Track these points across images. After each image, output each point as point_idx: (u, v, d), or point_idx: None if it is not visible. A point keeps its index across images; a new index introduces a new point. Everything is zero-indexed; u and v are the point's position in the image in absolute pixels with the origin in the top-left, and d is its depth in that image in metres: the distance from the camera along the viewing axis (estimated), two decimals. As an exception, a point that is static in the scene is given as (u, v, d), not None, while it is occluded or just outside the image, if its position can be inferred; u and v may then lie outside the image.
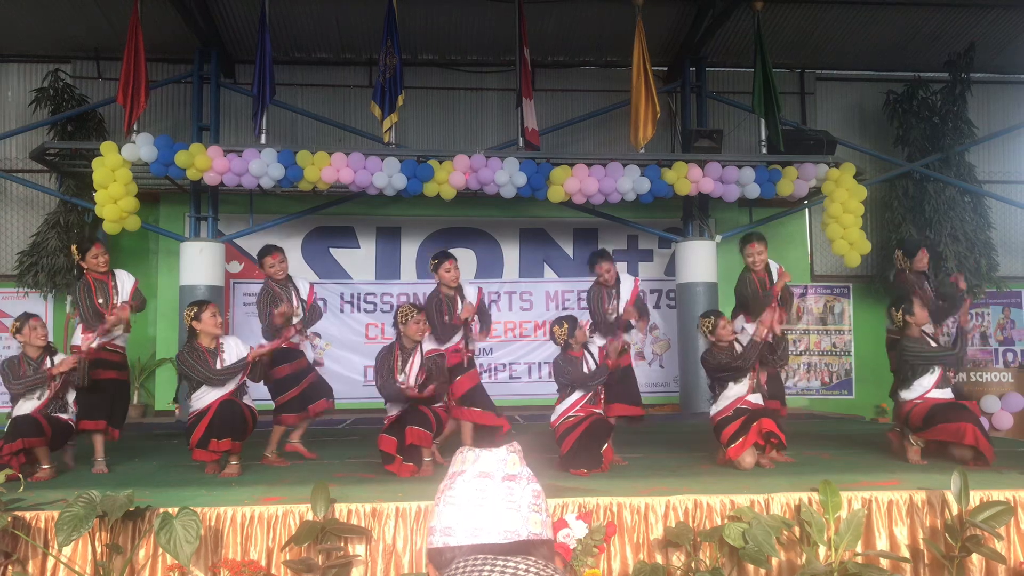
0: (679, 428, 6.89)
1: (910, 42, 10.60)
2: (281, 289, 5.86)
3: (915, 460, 5.36)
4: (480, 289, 6.16)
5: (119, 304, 5.58)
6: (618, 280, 6.05)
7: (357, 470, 5.23)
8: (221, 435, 4.98)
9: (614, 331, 5.77)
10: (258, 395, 5.56)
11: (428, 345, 5.58)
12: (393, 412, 5.35)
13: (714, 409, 5.45)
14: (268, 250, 5.98)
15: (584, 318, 5.71)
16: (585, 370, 5.32)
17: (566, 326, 5.33)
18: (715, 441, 5.46)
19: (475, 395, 5.78)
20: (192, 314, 5.29)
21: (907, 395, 5.49)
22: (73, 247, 5.90)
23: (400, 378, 5.29)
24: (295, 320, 5.79)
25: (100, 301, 5.60)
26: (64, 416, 5.27)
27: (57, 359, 5.29)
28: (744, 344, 5.44)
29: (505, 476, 1.28)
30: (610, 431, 5.26)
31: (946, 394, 5.49)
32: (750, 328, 5.67)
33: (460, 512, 1.25)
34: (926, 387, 5.45)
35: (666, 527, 3.95)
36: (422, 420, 5.17)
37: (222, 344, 5.32)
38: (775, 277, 5.84)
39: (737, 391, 5.37)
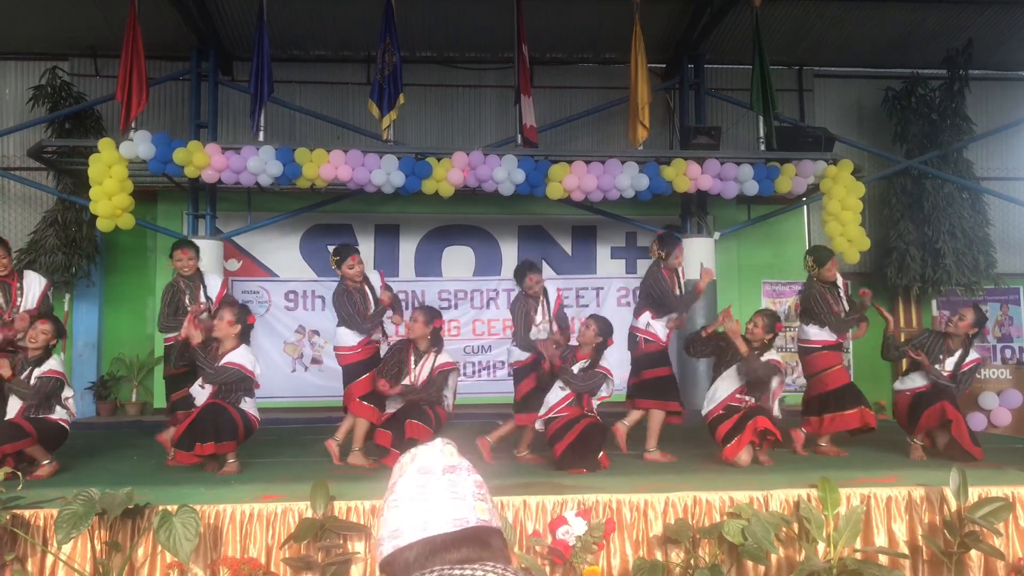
0: (677, 426, 6.88)
1: (908, 39, 10.60)
2: (186, 285, 5.97)
3: (917, 458, 5.40)
4: (381, 272, 6.22)
5: (19, 314, 5.46)
6: (545, 291, 6.17)
7: (356, 467, 5.23)
8: (204, 439, 4.88)
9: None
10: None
11: (444, 357, 5.57)
12: (390, 409, 5.40)
13: (705, 409, 5.59)
14: (180, 244, 6.13)
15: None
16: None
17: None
18: (713, 439, 5.48)
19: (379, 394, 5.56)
20: None
21: (898, 386, 5.89)
22: None
23: (410, 378, 5.34)
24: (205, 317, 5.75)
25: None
26: (53, 417, 5.13)
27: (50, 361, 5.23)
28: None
29: (445, 468, 1.27)
30: (605, 436, 5.28)
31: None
32: (656, 324, 5.82)
33: (405, 511, 1.24)
34: (916, 383, 5.71)
35: (665, 524, 3.96)
36: (421, 415, 5.19)
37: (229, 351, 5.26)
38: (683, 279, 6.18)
39: (725, 388, 5.46)
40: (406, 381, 5.40)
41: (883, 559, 3.93)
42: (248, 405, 5.25)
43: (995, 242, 10.48)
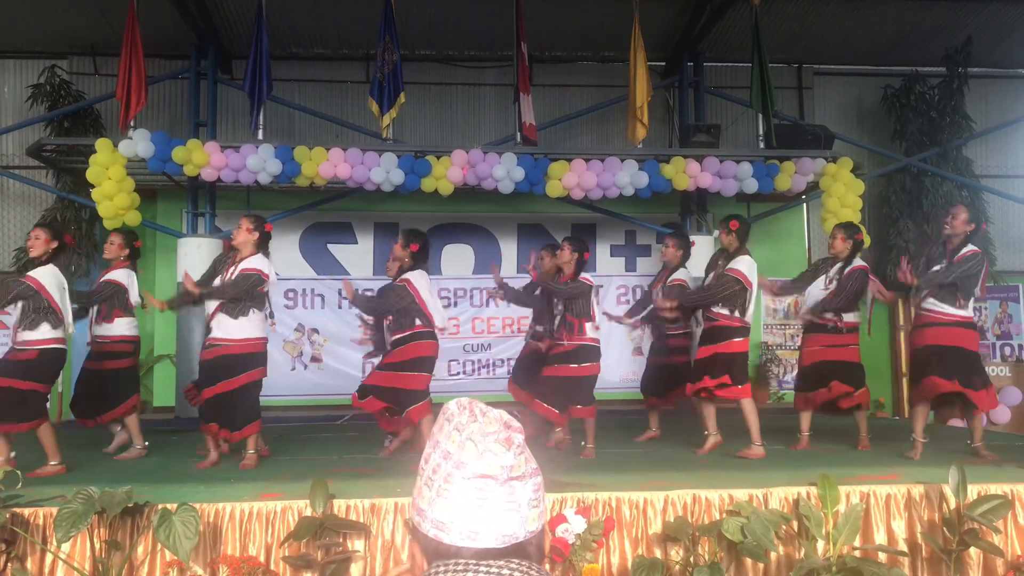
0: (678, 422, 6.89)
1: (907, 37, 10.60)
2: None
3: (913, 456, 5.40)
4: None
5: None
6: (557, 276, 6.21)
7: (356, 466, 5.23)
8: (232, 427, 5.21)
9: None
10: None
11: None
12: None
13: None
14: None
15: None
16: None
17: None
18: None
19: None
20: None
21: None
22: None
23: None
24: None
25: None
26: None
27: None
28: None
29: (509, 478, 1.20)
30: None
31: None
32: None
33: (456, 510, 1.19)
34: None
35: (665, 522, 3.96)
36: (418, 397, 5.51)
37: None
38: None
39: None
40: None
41: (882, 557, 3.93)
42: (256, 319, 5.30)
43: (994, 240, 10.48)
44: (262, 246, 5.40)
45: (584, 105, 10.59)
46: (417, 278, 5.47)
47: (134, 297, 5.83)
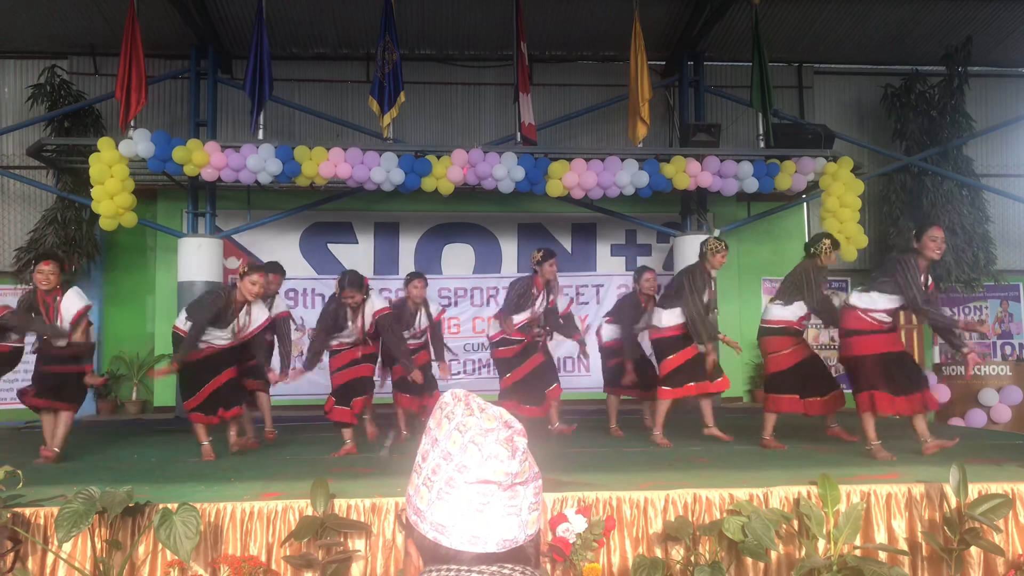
0: (677, 421, 6.89)
1: (908, 36, 10.61)
2: (41, 300, 5.45)
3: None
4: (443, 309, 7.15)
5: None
6: (549, 285, 6.72)
7: (356, 465, 5.23)
8: (228, 405, 5.65)
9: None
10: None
11: (379, 303, 6.00)
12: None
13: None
14: (39, 257, 5.69)
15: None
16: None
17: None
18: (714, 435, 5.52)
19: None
20: None
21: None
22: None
23: (348, 326, 5.94)
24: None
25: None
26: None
27: None
28: None
29: (510, 484, 1.17)
30: (555, 374, 6.34)
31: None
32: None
33: (457, 514, 1.16)
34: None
35: (665, 521, 3.96)
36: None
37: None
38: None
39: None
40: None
41: (883, 556, 3.93)
42: None
43: (995, 239, 10.49)
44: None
45: (584, 105, 10.59)
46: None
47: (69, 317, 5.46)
